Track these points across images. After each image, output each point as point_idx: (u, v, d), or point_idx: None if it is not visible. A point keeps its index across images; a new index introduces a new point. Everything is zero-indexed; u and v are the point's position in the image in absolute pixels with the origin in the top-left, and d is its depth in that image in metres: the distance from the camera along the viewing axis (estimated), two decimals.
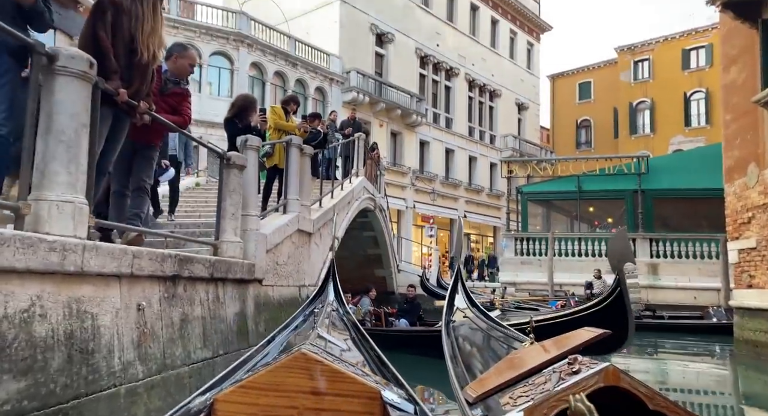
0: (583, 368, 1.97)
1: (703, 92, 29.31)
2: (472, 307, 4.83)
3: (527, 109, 31.84)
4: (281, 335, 3.49)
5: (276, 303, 4.91)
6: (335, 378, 1.87)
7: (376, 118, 21.57)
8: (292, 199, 5.62)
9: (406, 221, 22.99)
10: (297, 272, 5.65)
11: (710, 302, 14.31)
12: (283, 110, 6.06)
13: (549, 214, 21.59)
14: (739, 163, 8.21)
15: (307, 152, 6.14)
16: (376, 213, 11.89)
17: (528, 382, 2.23)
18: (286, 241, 5.28)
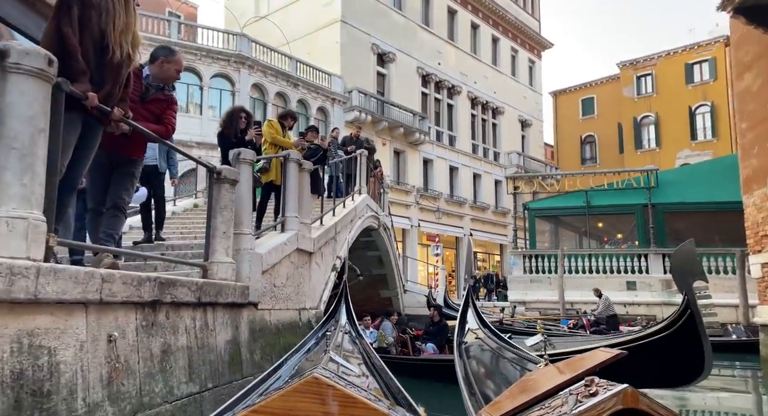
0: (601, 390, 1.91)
1: (709, 105, 29.14)
2: (483, 328, 4.73)
3: (531, 126, 31.71)
4: (293, 358, 3.47)
5: (273, 328, 4.56)
6: (347, 403, 1.84)
7: (379, 137, 21.42)
8: (290, 217, 5.32)
9: (411, 240, 22.62)
10: (297, 294, 5.31)
11: (728, 319, 13.79)
12: (280, 125, 5.81)
13: (557, 231, 21.18)
14: (758, 172, 7.88)
15: (306, 167, 5.86)
16: (380, 232, 11.57)
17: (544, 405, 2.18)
18: (284, 261, 4.95)
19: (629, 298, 15.69)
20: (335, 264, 7.05)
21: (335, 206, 7.80)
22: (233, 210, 3.90)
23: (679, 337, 4.42)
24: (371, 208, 10.34)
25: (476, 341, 4.52)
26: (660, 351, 4.41)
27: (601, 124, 33.84)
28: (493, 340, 4.46)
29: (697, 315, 4.38)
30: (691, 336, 4.33)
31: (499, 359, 4.11)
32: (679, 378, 4.55)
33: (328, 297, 6.47)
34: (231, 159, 4.18)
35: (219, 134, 4.91)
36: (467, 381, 3.52)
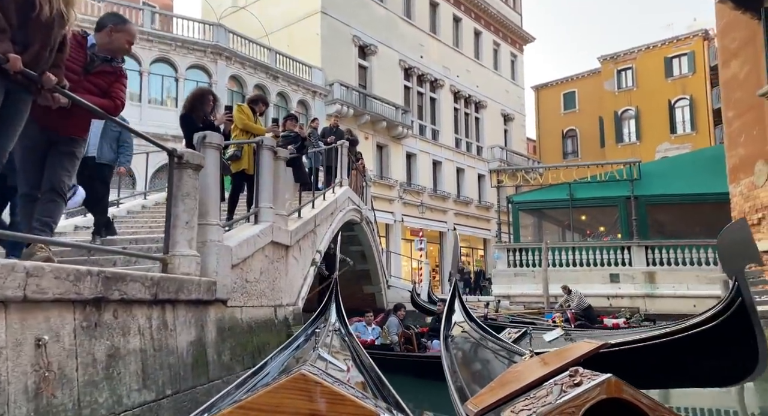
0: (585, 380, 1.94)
1: (687, 99, 29.42)
2: (470, 321, 4.73)
3: (513, 120, 31.66)
4: (281, 355, 3.46)
5: (245, 326, 4.22)
6: (335, 400, 1.84)
7: (361, 131, 21.05)
8: (264, 208, 4.97)
9: (395, 235, 22.34)
10: (272, 290, 4.97)
11: None
12: (250, 110, 5.41)
13: (541, 224, 21.10)
14: (745, 161, 7.77)
15: (281, 156, 5.51)
16: (362, 226, 11.25)
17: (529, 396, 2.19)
18: (257, 255, 4.61)
19: (612, 291, 15.64)
20: (315, 259, 6.71)
21: (314, 198, 7.46)
22: (197, 199, 3.54)
23: (728, 329, 3.87)
24: (353, 201, 10.01)
25: (463, 334, 4.50)
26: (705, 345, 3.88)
27: (583, 118, 33.98)
28: (479, 333, 4.43)
29: (750, 303, 3.84)
30: (743, 326, 3.78)
31: (485, 351, 4.11)
32: (728, 375, 4.01)
33: (306, 294, 6.14)
34: (196, 143, 3.82)
35: (183, 116, 4.50)
36: (453, 373, 3.48)
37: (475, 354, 4.21)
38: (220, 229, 3.87)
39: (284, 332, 5.12)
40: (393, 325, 7.85)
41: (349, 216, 9.61)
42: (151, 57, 16.01)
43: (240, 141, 5.11)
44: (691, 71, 29.14)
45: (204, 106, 4.55)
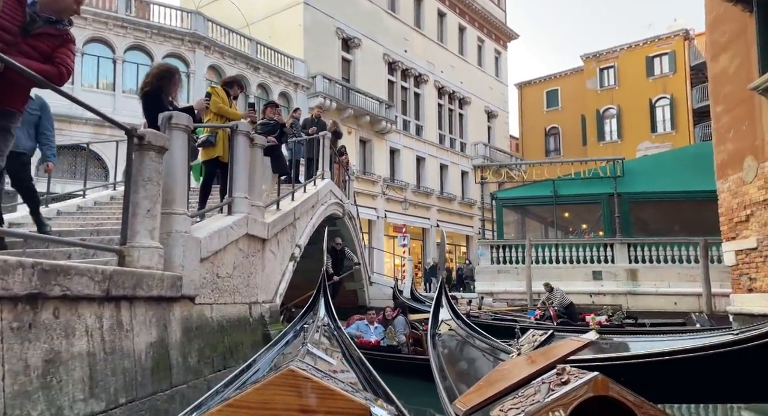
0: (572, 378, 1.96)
1: (668, 98, 29.70)
2: (456, 319, 4.71)
3: (497, 117, 31.62)
4: (270, 351, 3.49)
5: (216, 325, 3.88)
6: (324, 395, 1.84)
7: (345, 125, 20.68)
8: (239, 198, 4.62)
9: (378, 231, 22.06)
10: (246, 286, 4.63)
11: (691, 308, 13.84)
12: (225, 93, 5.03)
13: (524, 221, 21.04)
14: (734, 156, 7.66)
15: (258, 143, 5.17)
16: (345, 221, 10.94)
17: (518, 394, 2.21)
18: (230, 248, 4.27)
19: (595, 288, 15.62)
20: (294, 254, 6.39)
21: (294, 190, 7.12)
22: (161, 185, 3.19)
23: None
24: (335, 195, 9.69)
25: (450, 332, 4.47)
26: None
27: (565, 116, 34.12)
28: (466, 331, 4.42)
29: None
30: None
31: (472, 350, 4.09)
32: None
33: (285, 290, 5.82)
34: (160, 123, 3.46)
35: (148, 94, 4.07)
36: (441, 372, 3.45)
37: (463, 352, 4.18)
38: (188, 219, 3.52)
39: (260, 331, 4.80)
40: (400, 324, 7.18)
41: (331, 210, 9.29)
42: (125, 44, 15.41)
43: (213, 124, 4.74)
44: (672, 71, 29.43)
45: (172, 85, 4.17)
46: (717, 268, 14.12)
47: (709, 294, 13.78)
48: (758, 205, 7.09)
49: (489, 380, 2.77)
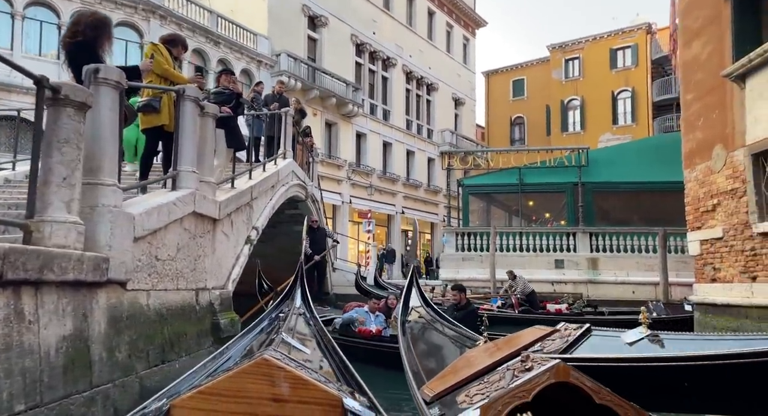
0: (536, 365, 2.03)
1: (630, 91, 30.24)
2: (426, 307, 4.72)
3: (464, 105, 31.50)
4: (245, 339, 3.46)
5: (153, 314, 3.40)
6: (297, 384, 1.85)
7: (310, 106, 20.00)
8: (185, 171, 4.11)
9: (342, 217, 21.61)
10: (193, 271, 4.15)
11: (648, 296, 14.10)
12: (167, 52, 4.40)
13: (489, 209, 21.04)
14: (702, 145, 7.61)
15: (209, 112, 4.64)
16: (307, 204, 10.46)
17: (483, 380, 2.27)
18: (173, 227, 3.77)
19: (557, 276, 15.74)
20: (250, 236, 5.90)
21: (252, 168, 6.60)
22: (82, 149, 2.68)
23: None
24: (297, 176, 9.19)
25: (419, 320, 4.48)
26: None
27: (531, 106, 34.35)
28: (435, 319, 4.45)
29: None
30: None
31: (440, 336, 4.13)
32: None
33: (239, 275, 5.34)
34: (84, 76, 2.93)
35: (78, 45, 3.40)
36: (410, 358, 3.48)
37: (432, 339, 4.18)
38: (118, 192, 3.01)
39: (208, 320, 4.34)
40: None
41: (293, 191, 8.79)
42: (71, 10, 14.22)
43: (156, 86, 4.16)
44: (634, 64, 29.95)
45: (107, 38, 3.58)
46: (673, 258, 14.45)
47: (666, 283, 14.07)
48: (725, 194, 7.05)
49: (456, 367, 2.82)
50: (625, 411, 1.96)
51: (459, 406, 2.20)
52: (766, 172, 6.37)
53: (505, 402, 1.92)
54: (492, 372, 2.32)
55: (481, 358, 2.68)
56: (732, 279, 6.85)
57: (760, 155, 6.41)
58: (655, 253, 14.84)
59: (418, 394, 2.67)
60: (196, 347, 3.95)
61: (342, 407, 1.89)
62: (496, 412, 1.90)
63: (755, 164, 6.46)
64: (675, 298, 13.64)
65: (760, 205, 6.36)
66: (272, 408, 1.82)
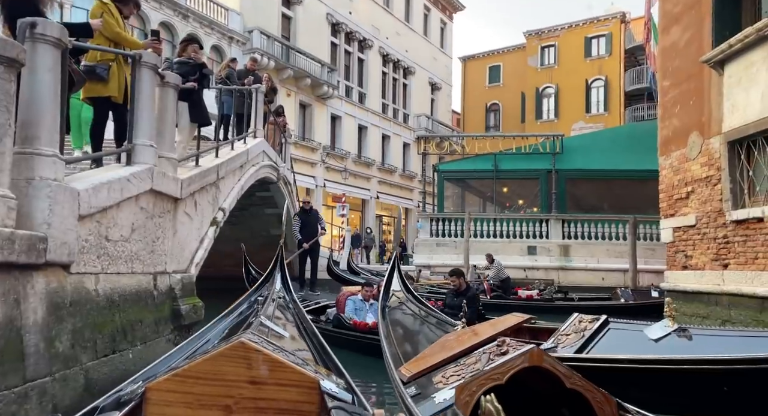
0: (511, 349, 2.13)
1: (603, 80, 30.51)
2: (407, 293, 4.79)
3: (440, 90, 31.28)
4: (223, 322, 3.46)
5: (104, 300, 3.10)
6: (274, 367, 1.86)
7: (284, 87, 19.44)
8: (141, 145, 3.76)
9: (316, 201, 21.21)
10: (151, 253, 3.84)
11: (617, 283, 14.35)
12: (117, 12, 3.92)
13: (464, 195, 21.01)
14: (678, 132, 7.59)
15: (170, 82, 4.28)
16: (279, 187, 10.12)
17: (459, 363, 2.35)
18: (126, 206, 3.45)
19: (529, 263, 15.84)
20: (216, 218, 5.58)
21: (219, 145, 6.24)
22: (12, 113, 2.34)
23: None
24: (269, 157, 8.83)
25: (400, 305, 4.57)
26: None
27: (506, 93, 34.36)
28: (415, 304, 4.54)
29: None
30: None
31: (420, 321, 4.24)
32: None
33: (203, 259, 5.04)
34: (19, 31, 2.57)
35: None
36: (389, 341, 3.56)
37: (411, 323, 4.27)
38: (59, 164, 2.67)
39: (168, 306, 4.04)
40: None
41: (264, 173, 8.45)
42: None
43: (106, 48, 3.76)
44: (608, 53, 30.18)
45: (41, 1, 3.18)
46: (642, 245, 14.70)
47: (635, 270, 14.32)
48: (700, 182, 7.07)
49: (433, 349, 2.90)
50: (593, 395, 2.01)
51: (435, 386, 2.26)
52: (741, 159, 6.38)
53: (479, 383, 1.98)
54: (468, 356, 2.37)
55: (458, 342, 2.72)
56: (704, 266, 6.90)
57: (735, 143, 6.41)
58: (625, 241, 15.06)
59: (396, 375, 2.72)
60: (154, 335, 3.67)
61: (319, 389, 1.90)
62: (471, 393, 1.96)
63: (731, 152, 6.47)
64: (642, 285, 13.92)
65: (735, 192, 6.39)
66: (249, 391, 1.81)
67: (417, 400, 2.23)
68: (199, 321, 4.51)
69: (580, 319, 3.27)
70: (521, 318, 3.28)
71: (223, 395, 1.81)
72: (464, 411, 1.92)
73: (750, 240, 5.99)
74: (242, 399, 1.82)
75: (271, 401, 1.83)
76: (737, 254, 6.22)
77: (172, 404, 1.77)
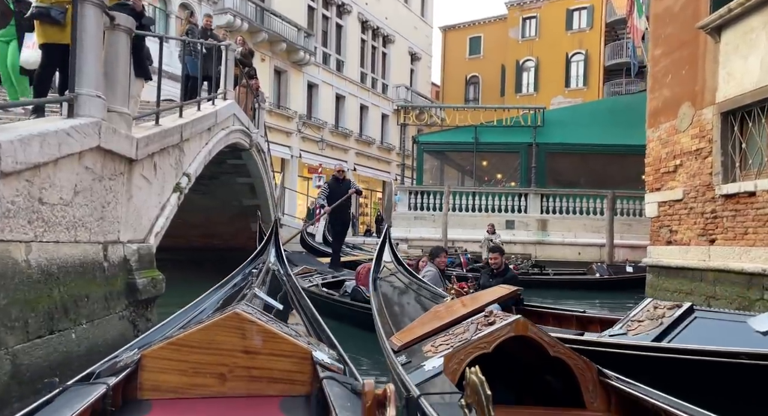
0: (498, 320, 2.23)
1: (583, 54, 30.21)
2: (398, 265, 4.84)
3: (420, 60, 30.55)
4: (217, 293, 3.51)
5: (38, 273, 2.64)
6: (267, 337, 1.91)
7: (258, 51, 18.49)
8: (86, 95, 3.24)
9: (291, 172, 20.64)
10: (99, 220, 3.36)
11: (593, 258, 14.41)
12: None
13: (443, 168, 20.72)
14: (669, 103, 7.34)
15: (121, 25, 3.72)
16: (252, 154, 9.56)
17: (448, 332, 2.45)
18: (67, 164, 2.96)
19: (507, 237, 15.74)
20: (180, 183, 5.08)
21: (183, 105, 5.69)
22: None
23: None
24: (240, 121, 8.25)
25: (391, 277, 4.63)
26: None
27: (486, 65, 33.80)
28: (405, 276, 4.61)
29: None
30: None
31: (410, 293, 4.32)
32: None
33: (165, 228, 4.57)
34: None
35: None
36: (380, 311, 3.65)
37: (402, 295, 4.34)
38: None
39: (122, 279, 3.59)
40: (433, 279, 5.21)
41: (234, 138, 7.89)
42: None
43: None
44: (589, 26, 29.81)
45: None
46: (618, 221, 14.74)
47: (611, 246, 14.37)
48: (689, 154, 6.86)
49: (423, 320, 2.99)
50: (575, 362, 2.09)
51: (425, 355, 2.32)
52: (734, 131, 6.17)
53: (467, 352, 2.06)
54: (457, 326, 2.44)
55: (447, 313, 2.80)
56: (689, 241, 6.77)
57: (729, 113, 6.19)
58: (602, 215, 15.08)
59: (387, 344, 2.79)
60: (103, 312, 3.24)
61: (311, 359, 1.94)
62: (459, 361, 2.03)
63: (724, 123, 6.25)
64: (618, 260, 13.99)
65: (726, 165, 6.20)
66: (243, 360, 1.87)
67: (407, 368, 2.27)
68: (158, 295, 4.09)
69: (656, 305, 2.94)
70: (508, 289, 3.36)
71: (217, 363, 1.85)
72: (452, 378, 1.97)
73: (740, 215, 5.83)
74: (236, 368, 1.87)
75: (264, 370, 1.88)
76: (725, 229, 6.08)
77: (166, 371, 1.81)
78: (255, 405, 1.81)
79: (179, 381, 1.81)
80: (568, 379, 2.12)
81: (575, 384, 2.10)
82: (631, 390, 2.03)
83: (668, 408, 1.84)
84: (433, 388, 1.93)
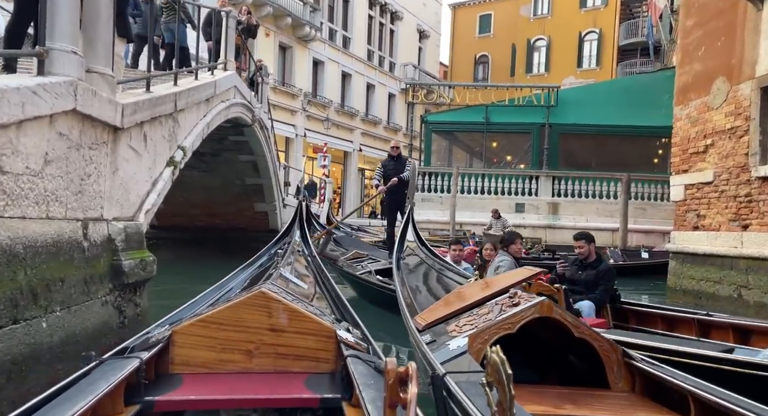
0: (522, 301, 2.25)
1: (597, 33, 29.27)
2: (421, 246, 4.90)
3: (428, 38, 29.74)
4: (244, 273, 3.65)
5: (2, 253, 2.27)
6: (293, 316, 1.98)
7: (262, 25, 17.90)
8: (60, 50, 2.81)
9: (296, 151, 20.20)
10: (78, 194, 2.98)
11: (605, 242, 13.97)
12: None
13: (451, 149, 20.20)
14: (700, 78, 6.83)
15: None
16: (254, 130, 9.13)
17: (473, 313, 2.46)
18: (35, 128, 2.55)
19: (517, 220, 15.34)
20: (173, 157, 4.68)
21: (178, 72, 5.25)
22: None
23: None
24: (241, 94, 7.80)
25: (414, 256, 4.63)
26: None
27: (496, 44, 32.87)
28: (429, 257, 4.66)
29: None
30: None
31: (434, 273, 4.34)
32: None
33: (156, 205, 4.19)
34: None
35: None
36: (404, 290, 3.67)
37: (425, 275, 4.33)
38: None
39: (105, 261, 3.22)
40: (506, 267, 4.27)
41: (235, 112, 7.45)
42: None
43: None
44: (604, 4, 28.81)
45: None
46: (633, 204, 14.28)
47: (625, 230, 13.93)
48: (722, 133, 6.38)
49: (448, 300, 3.01)
50: (600, 344, 2.09)
51: (449, 334, 2.34)
52: None
53: (491, 332, 2.09)
54: (481, 306, 2.46)
55: (472, 293, 2.80)
56: (719, 227, 6.33)
57: None
58: (615, 199, 14.62)
59: (412, 323, 2.84)
60: (82, 297, 2.87)
61: (336, 338, 2.00)
62: (483, 341, 2.05)
63: (764, 99, 5.76)
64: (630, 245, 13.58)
65: (764, 145, 5.73)
66: (269, 337, 1.94)
67: (432, 347, 2.28)
68: (149, 278, 3.73)
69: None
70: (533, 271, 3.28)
71: (245, 340, 1.92)
72: (476, 357, 2.00)
73: None
74: (262, 345, 1.94)
75: (290, 347, 1.95)
76: (761, 214, 5.64)
77: (196, 347, 1.89)
78: (281, 381, 1.86)
79: (208, 356, 1.89)
80: (592, 360, 2.14)
81: (599, 365, 2.11)
82: (657, 372, 2.02)
83: (694, 390, 1.80)
84: (457, 367, 1.96)
